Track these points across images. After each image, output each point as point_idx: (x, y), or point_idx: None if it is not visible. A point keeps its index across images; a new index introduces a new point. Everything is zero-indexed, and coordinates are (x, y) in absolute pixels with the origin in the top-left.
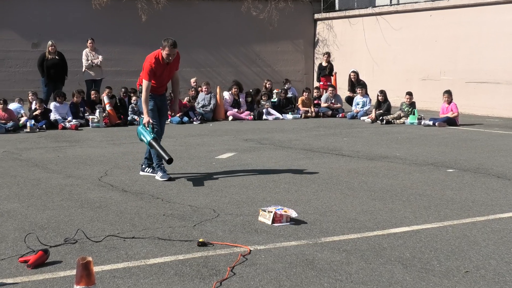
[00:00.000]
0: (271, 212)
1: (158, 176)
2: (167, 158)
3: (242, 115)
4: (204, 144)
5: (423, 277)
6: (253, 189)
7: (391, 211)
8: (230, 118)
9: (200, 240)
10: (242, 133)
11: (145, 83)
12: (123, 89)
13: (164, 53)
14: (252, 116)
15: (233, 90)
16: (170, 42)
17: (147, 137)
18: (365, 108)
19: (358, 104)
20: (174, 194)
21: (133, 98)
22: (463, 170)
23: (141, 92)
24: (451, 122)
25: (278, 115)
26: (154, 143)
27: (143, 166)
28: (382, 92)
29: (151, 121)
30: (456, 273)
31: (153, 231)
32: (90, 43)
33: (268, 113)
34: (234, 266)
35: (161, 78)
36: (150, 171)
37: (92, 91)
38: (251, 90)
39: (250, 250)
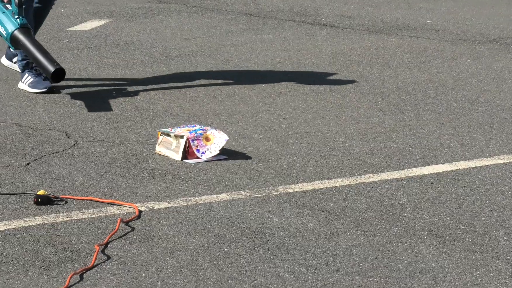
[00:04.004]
0: (181, 137)
1: (26, 83)
2: (51, 69)
3: None
4: None
5: (477, 262)
6: (145, 94)
7: (414, 134)
8: None
9: (40, 192)
10: None
11: None
12: None
13: None
14: None
15: None
16: None
17: (8, 26)
18: None
19: None
20: None
21: None
22: None
23: None
24: None
25: None
26: (21, 38)
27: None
28: None
29: None
30: None
31: None
32: None
33: None
34: (108, 243)
35: None
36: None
37: None
38: None
39: (140, 212)
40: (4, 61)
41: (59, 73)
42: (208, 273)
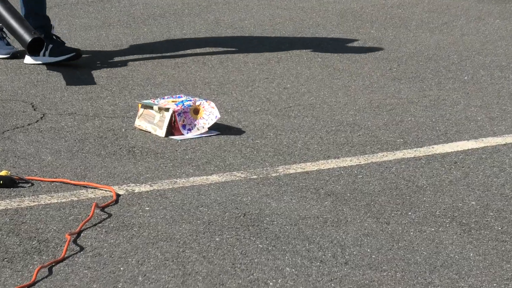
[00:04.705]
0: (167, 110)
1: None
2: (28, 39)
3: None
4: None
5: (507, 253)
6: (124, 60)
7: (435, 106)
8: None
9: (2, 173)
10: None
11: None
12: None
13: None
14: None
15: None
16: None
17: None
18: None
19: None
20: None
21: None
22: None
23: None
24: None
25: None
26: None
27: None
28: None
29: None
30: None
31: None
32: None
33: None
34: (81, 232)
35: None
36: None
37: None
38: None
39: (118, 196)
40: (28, 59)
41: (37, 44)
42: (197, 267)
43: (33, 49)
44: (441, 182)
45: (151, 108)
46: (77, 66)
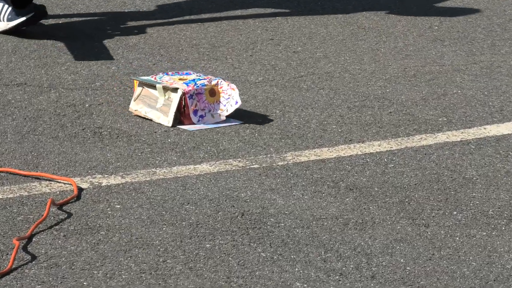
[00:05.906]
0: (174, 89)
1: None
2: None
3: None
4: None
5: None
6: (87, 15)
7: (488, 75)
8: None
9: None
10: None
11: None
12: None
13: None
14: None
15: None
16: None
17: None
18: None
19: None
20: None
21: None
22: None
23: None
24: None
25: None
26: None
27: None
28: None
29: None
30: None
31: None
32: None
33: None
34: (33, 237)
35: None
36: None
37: None
38: None
39: (81, 190)
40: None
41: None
42: (181, 281)
43: (19, 2)
44: (495, 173)
45: (153, 87)
46: (27, 21)
